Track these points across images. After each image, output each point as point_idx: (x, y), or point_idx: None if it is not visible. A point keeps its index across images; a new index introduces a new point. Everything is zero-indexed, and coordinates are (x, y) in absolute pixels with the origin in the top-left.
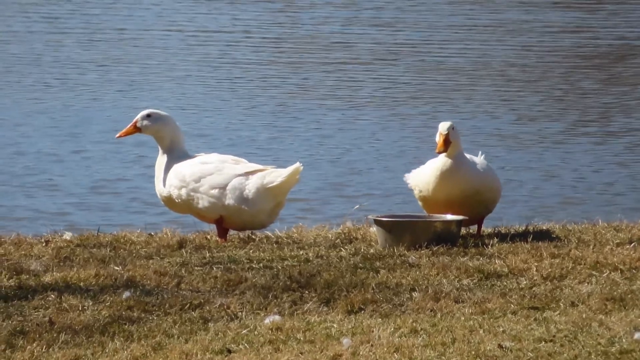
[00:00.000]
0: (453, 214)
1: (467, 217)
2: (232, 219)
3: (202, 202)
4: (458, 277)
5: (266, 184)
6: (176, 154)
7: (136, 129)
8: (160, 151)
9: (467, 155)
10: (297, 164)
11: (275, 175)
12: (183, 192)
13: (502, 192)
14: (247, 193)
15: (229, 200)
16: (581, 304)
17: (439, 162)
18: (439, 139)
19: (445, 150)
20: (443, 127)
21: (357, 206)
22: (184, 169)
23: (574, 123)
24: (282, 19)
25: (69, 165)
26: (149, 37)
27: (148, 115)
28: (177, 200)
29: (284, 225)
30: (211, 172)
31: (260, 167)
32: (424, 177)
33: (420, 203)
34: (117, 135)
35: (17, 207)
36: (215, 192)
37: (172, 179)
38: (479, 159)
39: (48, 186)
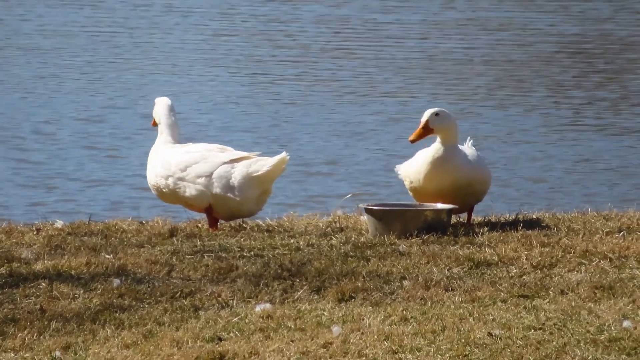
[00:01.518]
0: (443, 203)
1: (457, 206)
2: (219, 208)
3: (189, 191)
4: (448, 266)
5: (251, 172)
6: (168, 142)
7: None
8: (157, 140)
9: (460, 146)
10: (284, 154)
11: (260, 164)
12: (170, 181)
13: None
14: (233, 181)
15: (216, 189)
16: (570, 292)
17: (430, 152)
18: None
19: (418, 139)
20: (426, 113)
21: (349, 195)
22: (170, 158)
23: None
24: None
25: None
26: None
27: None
28: (164, 190)
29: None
30: (197, 161)
31: (245, 154)
32: (414, 167)
33: (411, 193)
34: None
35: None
36: (201, 180)
37: (159, 169)
38: (469, 148)
39: (100, 181)
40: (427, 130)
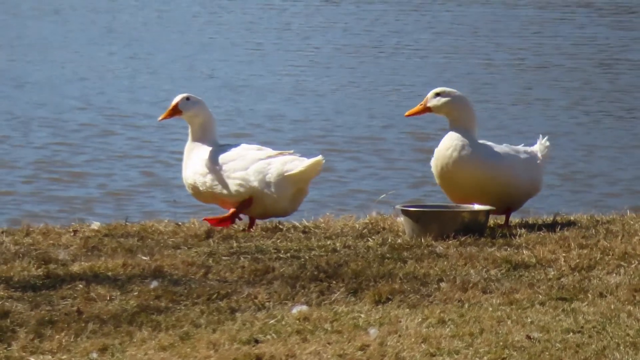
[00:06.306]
0: (478, 203)
1: (494, 208)
2: (256, 203)
3: (227, 187)
4: (486, 268)
5: (285, 170)
6: (205, 142)
7: (177, 111)
8: (190, 138)
9: (488, 143)
10: (319, 157)
11: (295, 164)
12: (208, 178)
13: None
14: (269, 177)
15: (253, 183)
16: (609, 295)
17: (443, 143)
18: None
19: (413, 114)
20: (431, 93)
21: (383, 195)
22: (208, 156)
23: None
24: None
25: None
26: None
27: (187, 99)
28: (201, 188)
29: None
30: (234, 158)
31: (282, 152)
32: (432, 161)
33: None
34: (160, 118)
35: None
36: (238, 174)
37: (197, 166)
38: (508, 147)
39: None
40: (424, 109)
